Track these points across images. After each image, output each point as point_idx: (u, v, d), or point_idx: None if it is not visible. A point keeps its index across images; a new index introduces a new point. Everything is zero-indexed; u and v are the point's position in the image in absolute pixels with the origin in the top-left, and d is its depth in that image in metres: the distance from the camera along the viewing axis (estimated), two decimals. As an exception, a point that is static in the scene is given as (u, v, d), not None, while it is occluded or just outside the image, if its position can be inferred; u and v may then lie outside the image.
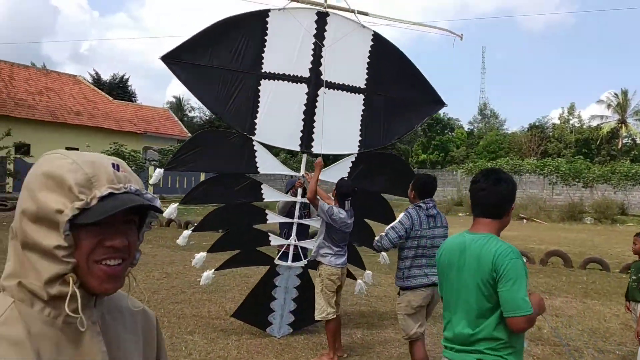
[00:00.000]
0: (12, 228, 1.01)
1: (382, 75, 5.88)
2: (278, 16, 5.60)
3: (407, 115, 6.03)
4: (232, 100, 5.51)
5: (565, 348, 5.65)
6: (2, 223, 16.69)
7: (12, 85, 34.15)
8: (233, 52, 5.49)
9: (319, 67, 5.68)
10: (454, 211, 31.55)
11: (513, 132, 63.64)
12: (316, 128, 5.72)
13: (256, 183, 5.82)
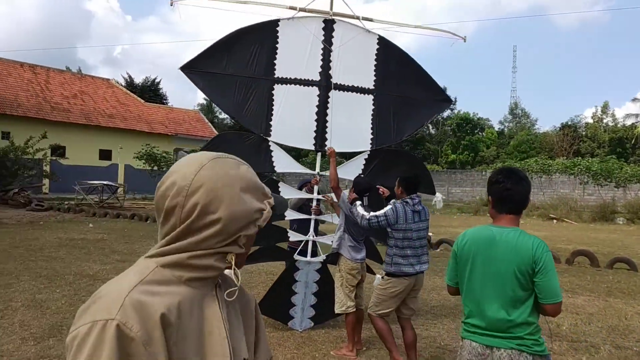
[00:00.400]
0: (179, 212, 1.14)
1: (390, 76, 6.17)
2: (287, 25, 5.96)
3: (416, 114, 6.31)
4: (248, 104, 5.84)
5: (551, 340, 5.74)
6: (39, 223, 17.30)
7: (48, 89, 35.20)
8: (247, 60, 5.84)
9: (329, 70, 6.00)
10: (483, 211, 31.28)
11: (545, 132, 62.67)
12: (328, 128, 6.00)
13: (273, 181, 6.20)
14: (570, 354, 5.43)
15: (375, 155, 6.21)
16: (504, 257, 2.61)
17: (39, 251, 11.09)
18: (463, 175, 43.28)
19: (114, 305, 1.03)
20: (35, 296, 7.06)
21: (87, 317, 1.04)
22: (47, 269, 9.06)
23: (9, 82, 33.16)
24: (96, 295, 1.09)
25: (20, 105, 31.80)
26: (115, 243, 12.85)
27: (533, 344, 2.58)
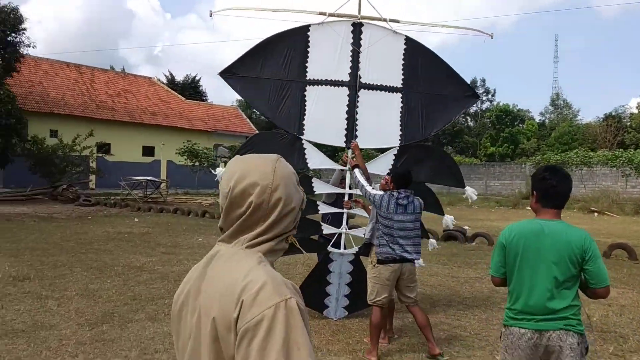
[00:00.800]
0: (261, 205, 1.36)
1: (417, 74, 6.40)
2: (318, 29, 6.30)
3: (444, 110, 6.51)
4: (281, 105, 6.21)
5: (592, 333, 5.87)
6: (87, 217, 18.10)
7: (94, 88, 36.40)
8: (281, 64, 6.21)
9: (358, 71, 6.29)
10: (522, 204, 30.92)
11: (587, 123, 61.10)
12: (358, 125, 6.29)
13: (307, 177, 6.51)
14: (599, 344, 5.56)
15: (405, 151, 6.44)
16: (554, 247, 2.87)
17: (88, 244, 11.71)
18: (502, 168, 42.70)
19: (281, 288, 1.24)
20: (88, 286, 7.57)
21: (263, 303, 1.20)
22: (97, 261, 9.61)
23: (56, 82, 34.47)
24: (254, 286, 1.23)
25: (67, 104, 33.03)
26: (160, 236, 13.42)
27: (577, 324, 2.86)
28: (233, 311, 1.22)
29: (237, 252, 1.36)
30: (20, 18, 26.22)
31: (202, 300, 1.33)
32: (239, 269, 1.29)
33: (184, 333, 1.39)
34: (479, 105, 69.63)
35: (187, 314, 1.38)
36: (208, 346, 1.27)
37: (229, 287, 1.26)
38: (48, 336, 5.30)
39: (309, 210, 6.43)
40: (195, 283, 1.40)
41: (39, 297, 6.83)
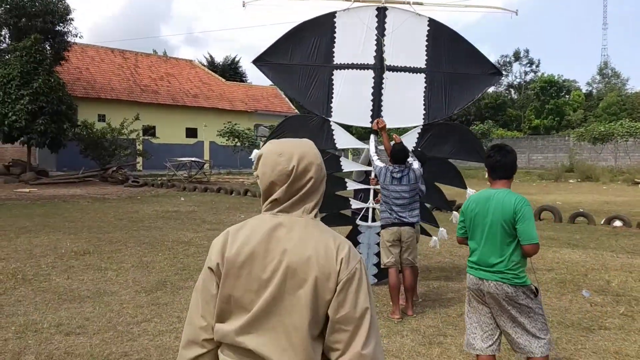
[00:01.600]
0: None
1: (441, 54, 6.67)
2: (343, 15, 6.67)
3: (467, 88, 6.75)
4: (310, 90, 6.67)
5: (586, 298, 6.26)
6: (137, 197, 19.10)
7: (138, 72, 37.56)
8: (309, 50, 6.65)
9: (382, 54, 6.65)
10: (564, 178, 30.57)
11: (637, 92, 58.99)
12: (384, 106, 6.69)
13: (335, 157, 7.00)
14: (611, 305, 5.90)
15: (429, 129, 6.77)
16: (495, 211, 3.49)
17: (139, 222, 12.55)
18: (545, 141, 42.09)
19: (355, 249, 1.72)
20: (142, 259, 8.30)
21: (353, 260, 1.65)
22: (148, 237, 10.39)
23: (102, 67, 35.75)
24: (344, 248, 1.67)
25: (113, 89, 34.29)
26: (205, 214, 14.19)
27: (513, 277, 3.40)
28: (335, 266, 1.63)
29: (308, 222, 1.72)
30: (67, 9, 27.36)
31: (291, 257, 1.65)
32: (324, 236, 1.69)
33: (250, 286, 1.67)
34: (523, 76, 68.21)
35: (255, 270, 1.67)
36: (307, 295, 1.62)
37: (325, 249, 1.65)
38: (110, 301, 6.01)
39: (338, 188, 6.96)
40: (260, 245, 1.68)
41: (99, 268, 7.59)
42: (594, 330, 5.13)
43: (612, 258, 8.50)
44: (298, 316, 1.63)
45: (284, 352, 1.62)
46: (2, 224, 11.74)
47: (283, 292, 1.64)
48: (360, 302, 1.63)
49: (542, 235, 10.54)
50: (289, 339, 1.63)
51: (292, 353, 1.62)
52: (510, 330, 3.45)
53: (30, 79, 23.04)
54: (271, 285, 1.64)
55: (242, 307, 1.67)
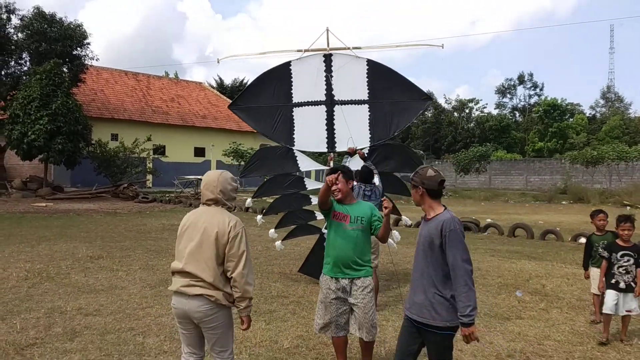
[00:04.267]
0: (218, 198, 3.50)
1: (379, 87, 8.00)
2: (297, 63, 8.17)
3: (404, 113, 8.06)
4: (275, 125, 8.13)
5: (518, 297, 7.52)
6: (145, 212, 20.43)
7: (149, 94, 39.23)
8: (271, 94, 8.13)
9: (332, 91, 8.06)
10: (557, 199, 31.61)
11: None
12: (336, 133, 8.06)
13: (300, 178, 8.40)
14: (535, 302, 7.08)
15: (375, 149, 8.00)
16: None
17: (147, 233, 13.85)
18: (542, 163, 43.16)
19: (241, 223, 3.44)
20: (148, 263, 9.57)
21: (237, 227, 3.35)
22: (154, 246, 11.66)
23: (116, 89, 37.47)
24: (233, 221, 3.37)
25: (126, 110, 35.91)
26: (207, 228, 15.45)
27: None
28: (227, 229, 3.35)
29: (219, 209, 3.48)
30: (84, 33, 29.09)
31: (206, 225, 3.37)
32: (225, 215, 3.42)
33: (188, 241, 3.42)
34: (527, 99, 69.40)
35: (191, 232, 3.43)
36: (212, 243, 3.33)
37: (223, 221, 3.37)
38: (120, 293, 7.26)
39: (305, 203, 8.42)
40: (195, 219, 3.49)
41: (111, 269, 8.86)
42: (511, 319, 6.31)
43: (560, 268, 9.66)
44: (209, 253, 3.34)
45: (204, 270, 3.34)
46: (25, 234, 13.08)
47: (202, 241, 3.35)
48: (241, 247, 3.35)
49: (509, 250, 11.78)
50: (206, 264, 3.34)
51: (208, 271, 3.26)
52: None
53: (50, 101, 24.62)
54: (196, 238, 3.37)
55: (183, 251, 3.42)
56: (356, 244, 4.42)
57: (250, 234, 14.01)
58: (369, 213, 4.47)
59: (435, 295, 3.31)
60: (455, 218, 3.34)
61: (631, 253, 5.59)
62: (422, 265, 3.40)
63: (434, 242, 3.31)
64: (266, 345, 5.21)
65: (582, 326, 6.06)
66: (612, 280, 5.64)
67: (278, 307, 6.69)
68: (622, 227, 5.63)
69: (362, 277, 4.41)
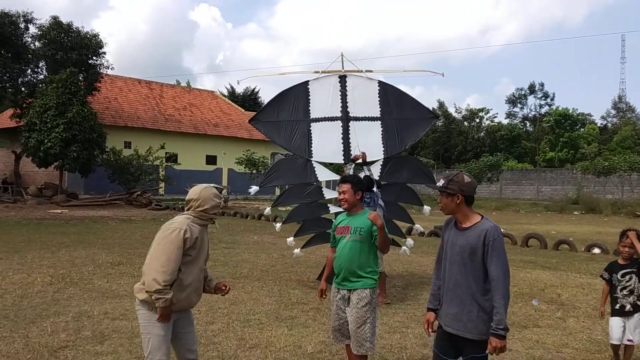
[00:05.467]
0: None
1: (390, 106, 8.66)
2: (315, 82, 8.80)
3: (413, 129, 8.77)
4: (294, 139, 8.54)
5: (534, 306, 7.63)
6: (159, 219, 20.63)
7: (162, 103, 39.62)
8: (290, 110, 8.59)
9: (347, 108, 8.63)
10: (569, 210, 31.55)
11: (653, 126, 59.51)
12: (352, 146, 8.45)
13: (318, 187, 8.73)
14: (551, 311, 7.17)
15: (388, 161, 8.60)
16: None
17: (163, 241, 14.01)
18: (553, 173, 43.03)
19: (175, 224, 3.65)
20: (167, 269, 9.73)
21: (174, 225, 3.62)
22: (172, 253, 11.83)
23: (129, 97, 37.88)
24: (174, 221, 3.69)
25: (140, 118, 36.28)
26: (222, 235, 15.65)
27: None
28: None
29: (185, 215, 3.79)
30: (100, 43, 29.53)
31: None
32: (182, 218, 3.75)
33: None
34: (538, 109, 69.29)
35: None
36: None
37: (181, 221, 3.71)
38: (143, 298, 7.42)
39: (323, 211, 8.77)
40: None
41: (132, 275, 9.04)
42: (528, 327, 6.41)
43: (575, 278, 9.73)
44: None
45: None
46: (44, 240, 13.33)
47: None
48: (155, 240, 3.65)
49: (522, 259, 11.86)
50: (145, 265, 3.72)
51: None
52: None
53: (65, 109, 24.98)
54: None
55: None
56: (355, 255, 4.37)
57: (264, 242, 14.33)
58: (369, 223, 4.39)
59: (473, 308, 3.26)
60: (497, 227, 3.31)
61: (633, 270, 4.96)
62: (458, 276, 3.33)
63: (476, 251, 3.25)
64: (290, 350, 5.34)
65: (599, 335, 6.14)
66: (616, 306, 5.02)
67: (298, 314, 6.82)
68: (623, 244, 5.00)
69: (359, 289, 4.34)
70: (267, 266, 10.43)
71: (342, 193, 4.53)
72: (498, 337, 3.13)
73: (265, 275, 9.50)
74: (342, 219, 4.61)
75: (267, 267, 10.28)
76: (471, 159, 45.63)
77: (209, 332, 5.93)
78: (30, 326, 5.93)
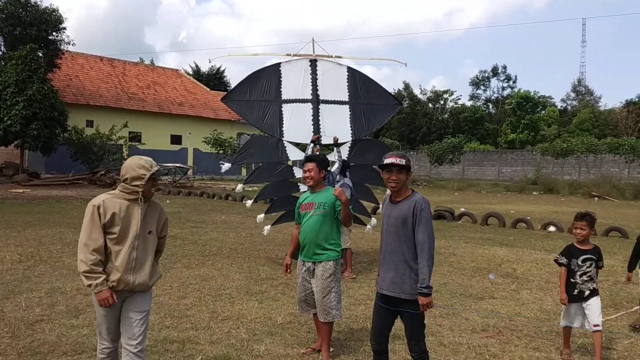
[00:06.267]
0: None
1: (358, 91, 9.09)
2: (287, 65, 9.08)
3: (379, 114, 9.27)
4: (265, 118, 8.77)
5: (491, 280, 7.95)
6: (125, 199, 20.54)
7: (125, 81, 38.96)
8: (262, 90, 8.80)
9: (317, 91, 8.93)
10: (528, 190, 32.54)
11: (610, 109, 61.28)
12: (321, 127, 8.77)
13: (289, 166, 8.99)
14: (507, 284, 7.61)
15: (356, 144, 9.07)
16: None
17: (130, 220, 14.03)
18: (514, 155, 44.18)
19: (97, 199, 3.39)
20: (136, 247, 9.84)
21: (91, 201, 3.39)
22: (140, 231, 11.89)
23: (91, 75, 37.11)
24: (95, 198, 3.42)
25: (102, 96, 35.65)
26: (189, 214, 15.74)
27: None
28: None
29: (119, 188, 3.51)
30: (60, 18, 28.79)
31: None
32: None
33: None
34: (500, 91, 70.55)
35: None
36: None
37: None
38: (115, 275, 7.55)
39: (293, 190, 9.05)
40: None
41: (101, 253, 9.11)
42: (485, 299, 6.82)
43: (530, 254, 10.25)
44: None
45: None
46: (8, 219, 13.20)
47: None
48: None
49: (482, 237, 12.36)
50: None
51: None
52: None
53: (25, 87, 24.42)
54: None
55: None
56: (319, 228, 4.63)
57: (232, 221, 14.49)
58: (333, 198, 4.68)
59: (406, 271, 3.61)
60: (425, 198, 3.68)
61: (593, 257, 4.83)
62: (393, 244, 3.68)
63: (407, 220, 3.61)
64: (261, 322, 5.60)
65: (549, 305, 6.59)
66: (574, 292, 4.82)
67: (268, 288, 7.08)
68: (576, 226, 4.84)
69: (324, 262, 4.61)
70: (236, 244, 10.64)
71: (308, 171, 4.80)
72: (423, 295, 3.54)
73: (235, 253, 9.71)
74: (306, 197, 4.87)
75: (235, 245, 10.48)
76: (435, 141, 46.39)
77: (181, 306, 6.13)
78: (4, 302, 6.03)
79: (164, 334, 5.13)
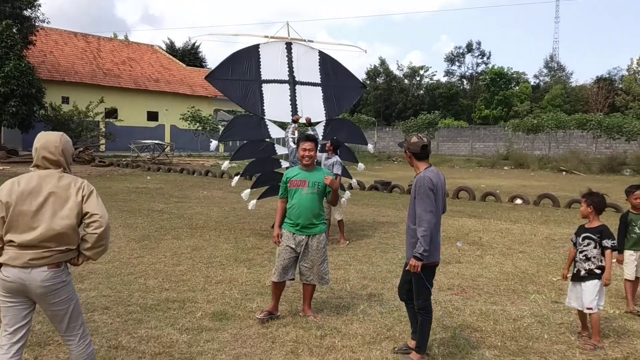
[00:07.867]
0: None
1: (328, 74, 9.85)
2: (265, 47, 9.72)
3: (347, 96, 10.06)
4: (247, 97, 9.36)
5: (458, 247, 8.70)
6: (106, 176, 20.86)
7: (100, 57, 38.67)
8: (243, 70, 9.39)
9: (293, 72, 9.61)
10: (500, 165, 33.55)
11: (580, 85, 62.52)
12: (299, 107, 9.44)
13: (272, 144, 9.68)
14: (472, 251, 8.36)
15: (329, 123, 9.81)
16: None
17: (114, 195, 14.50)
18: (487, 131, 45.17)
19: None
20: (126, 221, 10.34)
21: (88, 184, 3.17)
22: (126, 207, 12.38)
23: (65, 51, 36.77)
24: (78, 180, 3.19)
25: (77, 73, 35.43)
26: (172, 190, 16.21)
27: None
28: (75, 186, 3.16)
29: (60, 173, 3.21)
30: (35, -6, 28.42)
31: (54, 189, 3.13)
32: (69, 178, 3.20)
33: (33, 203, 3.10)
34: (475, 68, 71.45)
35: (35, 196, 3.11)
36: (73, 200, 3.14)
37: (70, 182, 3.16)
38: (111, 246, 8.00)
39: (275, 166, 9.69)
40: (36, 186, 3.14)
41: (93, 227, 9.59)
42: (452, 263, 7.54)
43: (496, 224, 11.02)
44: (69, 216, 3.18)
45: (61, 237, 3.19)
46: (-5, 195, 13.47)
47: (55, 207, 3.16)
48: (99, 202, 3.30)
49: (452, 209, 13.11)
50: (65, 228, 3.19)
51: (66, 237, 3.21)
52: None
53: (2, 63, 24.29)
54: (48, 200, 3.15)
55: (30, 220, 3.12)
56: (314, 205, 5.11)
57: (214, 197, 15.01)
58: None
59: (412, 239, 4.12)
60: (426, 176, 4.09)
61: (592, 236, 4.73)
62: (409, 215, 4.23)
63: (413, 195, 4.14)
64: (252, 284, 6.22)
65: (509, 268, 7.34)
66: (574, 270, 4.82)
67: (255, 256, 7.69)
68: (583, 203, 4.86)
69: (318, 235, 5.13)
70: (221, 218, 11.20)
71: (309, 150, 5.21)
72: (415, 259, 4.10)
73: (220, 225, 10.27)
74: (297, 173, 5.26)
75: (220, 219, 11.05)
76: (410, 117, 47.14)
77: (177, 272, 6.71)
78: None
79: (165, 295, 5.72)
